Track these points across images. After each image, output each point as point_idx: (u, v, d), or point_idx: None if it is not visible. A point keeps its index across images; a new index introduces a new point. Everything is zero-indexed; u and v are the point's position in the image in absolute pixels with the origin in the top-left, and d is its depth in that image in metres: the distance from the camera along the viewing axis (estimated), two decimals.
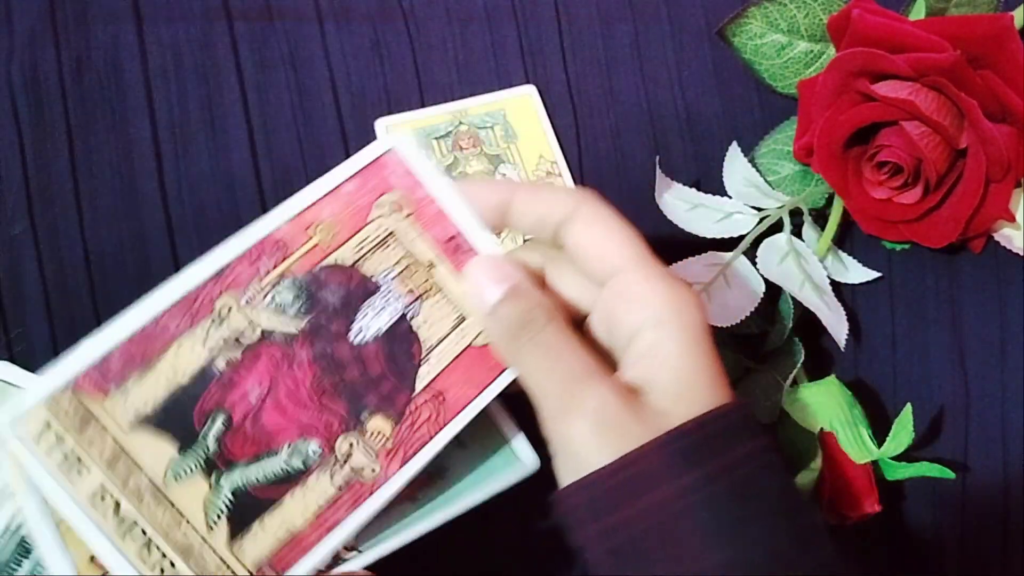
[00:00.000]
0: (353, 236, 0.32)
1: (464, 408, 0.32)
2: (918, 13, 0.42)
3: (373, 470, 0.31)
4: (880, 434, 0.38)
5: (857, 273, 0.43)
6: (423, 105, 0.47)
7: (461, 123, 0.46)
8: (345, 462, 0.31)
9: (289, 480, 0.30)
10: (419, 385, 0.32)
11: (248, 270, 0.31)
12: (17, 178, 0.45)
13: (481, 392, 0.32)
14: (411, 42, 0.48)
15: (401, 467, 0.31)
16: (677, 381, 0.29)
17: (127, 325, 0.30)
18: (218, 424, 0.30)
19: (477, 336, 0.33)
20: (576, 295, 0.33)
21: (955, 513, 0.42)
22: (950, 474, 0.37)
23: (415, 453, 0.31)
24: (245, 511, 0.30)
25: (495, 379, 0.33)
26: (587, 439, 0.29)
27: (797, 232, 0.42)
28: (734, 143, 0.44)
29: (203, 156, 0.45)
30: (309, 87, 0.47)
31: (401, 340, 0.32)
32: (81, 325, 0.43)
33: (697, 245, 0.42)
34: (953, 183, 0.40)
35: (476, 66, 0.48)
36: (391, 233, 0.33)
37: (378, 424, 0.32)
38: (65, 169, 0.45)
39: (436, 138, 0.46)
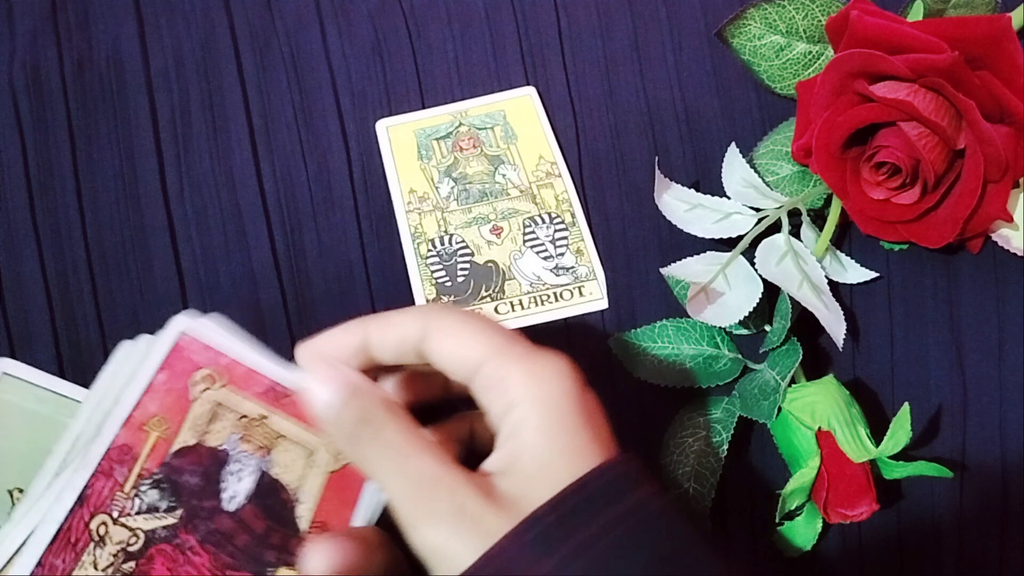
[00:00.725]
0: (185, 419, 0.34)
1: (348, 527, 0.34)
2: (916, 14, 0.42)
3: None
4: (878, 433, 0.38)
5: (855, 273, 0.43)
6: (423, 106, 0.47)
7: (461, 124, 0.47)
8: None
9: None
10: (303, 525, 0.34)
11: (107, 484, 0.33)
12: (19, 178, 0.45)
13: (356, 507, 0.34)
14: (411, 42, 0.48)
15: None
16: (534, 461, 0.29)
17: None
18: None
19: (330, 462, 0.35)
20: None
21: (953, 512, 0.42)
22: (948, 473, 0.37)
23: None
24: None
25: (363, 490, 0.35)
26: (448, 542, 0.28)
27: (796, 232, 0.42)
28: (733, 144, 0.44)
29: (204, 156, 0.45)
30: (310, 87, 0.47)
31: (270, 492, 0.34)
32: (83, 324, 0.43)
33: (696, 245, 0.43)
34: (951, 184, 0.40)
35: (476, 67, 0.48)
36: (218, 404, 0.35)
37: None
38: (67, 169, 0.45)
39: (436, 139, 0.46)
